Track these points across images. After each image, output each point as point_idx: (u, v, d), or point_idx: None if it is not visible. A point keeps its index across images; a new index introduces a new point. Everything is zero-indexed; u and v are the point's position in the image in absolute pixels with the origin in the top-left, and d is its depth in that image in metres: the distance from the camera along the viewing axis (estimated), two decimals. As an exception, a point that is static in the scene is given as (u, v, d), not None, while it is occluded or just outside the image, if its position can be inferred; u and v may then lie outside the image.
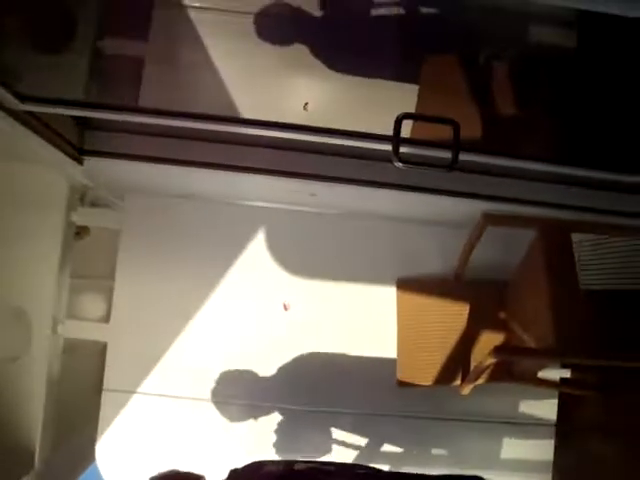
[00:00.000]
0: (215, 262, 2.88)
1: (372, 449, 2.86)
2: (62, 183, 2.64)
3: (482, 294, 2.75)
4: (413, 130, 2.23)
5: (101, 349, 2.95)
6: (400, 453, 2.85)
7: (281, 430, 2.84)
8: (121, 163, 2.36)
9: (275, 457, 2.18)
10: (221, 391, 2.86)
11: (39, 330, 2.66)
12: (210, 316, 2.87)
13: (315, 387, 2.88)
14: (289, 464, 2.02)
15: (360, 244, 2.89)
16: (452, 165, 1.98)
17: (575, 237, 2.51)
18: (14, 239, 2.62)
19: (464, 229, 2.59)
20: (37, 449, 2.64)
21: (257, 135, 2.04)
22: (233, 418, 2.87)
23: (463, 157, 1.95)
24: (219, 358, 2.88)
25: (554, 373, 2.81)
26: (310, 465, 2.03)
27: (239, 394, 2.87)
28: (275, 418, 2.86)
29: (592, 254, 2.95)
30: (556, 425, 2.99)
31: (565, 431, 2.97)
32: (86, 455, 2.92)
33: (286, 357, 2.87)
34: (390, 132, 1.87)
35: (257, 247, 2.86)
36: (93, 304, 3.02)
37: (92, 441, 2.84)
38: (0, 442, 2.57)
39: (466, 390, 2.56)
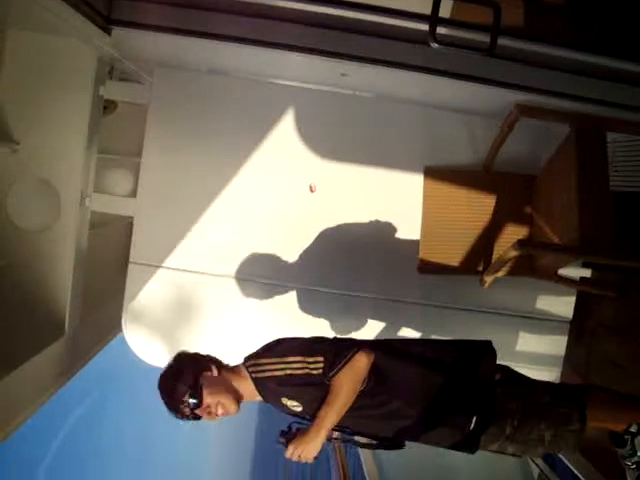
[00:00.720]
0: (243, 140, 2.84)
1: (389, 333, 2.90)
2: (90, 55, 2.60)
3: (510, 187, 2.72)
4: (452, 13, 2.15)
5: (128, 224, 2.99)
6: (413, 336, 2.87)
7: (301, 310, 2.90)
8: (149, 34, 2.31)
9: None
10: (244, 269, 2.91)
11: (67, 203, 2.70)
12: (236, 194, 2.87)
13: (337, 270, 2.91)
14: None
15: (390, 129, 2.83)
16: (490, 49, 1.92)
17: (610, 136, 2.44)
18: (42, 112, 2.62)
19: (496, 120, 2.54)
20: (67, 318, 2.75)
21: (290, 8, 1.98)
22: (255, 296, 2.92)
23: (502, 42, 1.89)
24: (244, 236, 2.91)
25: (575, 271, 2.81)
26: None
27: (262, 273, 2.91)
28: (295, 298, 2.91)
29: (625, 155, 2.88)
30: (571, 323, 3.02)
31: (580, 329, 3.01)
32: (113, 326, 3.04)
33: (310, 239, 2.89)
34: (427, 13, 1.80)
35: (286, 126, 2.81)
36: (120, 180, 3.05)
37: (118, 313, 2.94)
38: (32, 309, 2.68)
39: (486, 281, 2.58)
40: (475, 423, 1.99)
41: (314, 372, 1.94)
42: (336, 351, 1.97)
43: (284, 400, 1.99)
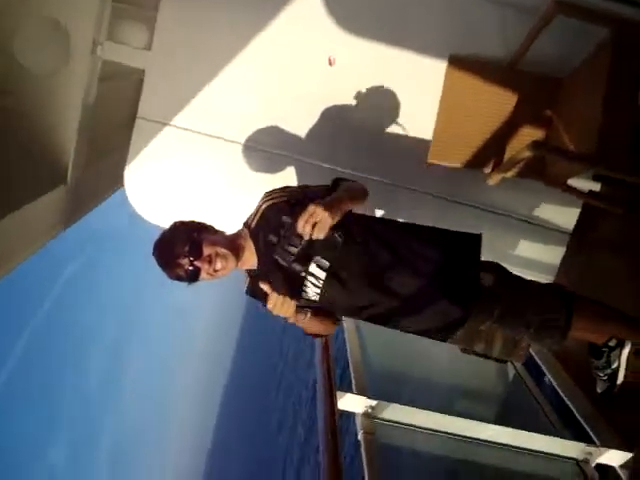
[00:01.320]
0: (266, 2, 2.71)
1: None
2: None
3: (534, 87, 2.63)
4: None
5: (139, 80, 2.91)
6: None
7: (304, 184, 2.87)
8: None
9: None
10: (253, 137, 2.86)
11: (77, 47, 2.62)
12: (253, 58, 2.77)
13: (346, 148, 2.88)
14: None
15: (419, 10, 2.70)
16: None
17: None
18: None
19: (532, 16, 2.41)
20: (70, 166, 2.73)
21: None
22: (261, 166, 2.89)
23: None
24: (256, 103, 2.84)
25: (584, 183, 2.77)
26: None
27: (270, 142, 2.87)
28: (301, 172, 2.88)
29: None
30: (572, 234, 3.02)
31: (579, 241, 3.00)
32: (115, 179, 3.03)
33: (323, 114, 2.82)
34: None
35: None
36: (135, 32, 2.91)
37: (122, 167, 2.91)
38: (36, 154, 2.67)
39: (494, 180, 2.55)
40: (464, 295, 2.04)
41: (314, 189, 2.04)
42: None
43: (277, 257, 1.97)
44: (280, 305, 1.86)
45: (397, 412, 2.36)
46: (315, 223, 1.81)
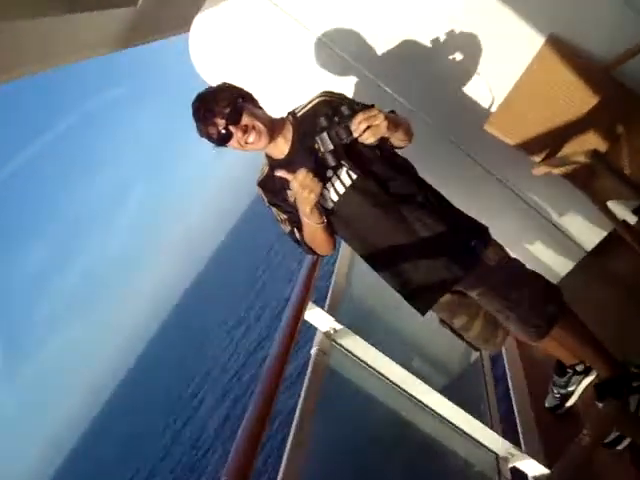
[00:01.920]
0: None
1: (424, 163, 2.77)
2: None
3: (618, 99, 2.54)
4: None
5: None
6: (442, 177, 2.51)
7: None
8: None
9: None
10: (331, 36, 2.75)
11: None
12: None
13: (413, 82, 2.80)
14: None
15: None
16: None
17: None
18: None
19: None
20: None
21: None
22: (326, 65, 2.80)
23: None
24: (347, 6, 2.71)
25: (622, 211, 2.73)
26: None
27: (345, 47, 2.76)
28: (361, 86, 2.80)
29: None
30: (588, 253, 3.01)
31: (591, 264, 2.99)
32: (183, 22, 2.95)
33: (404, 42, 2.71)
34: None
35: None
36: None
37: (193, 12, 2.83)
38: None
39: (540, 171, 2.51)
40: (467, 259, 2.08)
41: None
42: None
43: (317, 140, 1.90)
44: (310, 180, 1.83)
45: (357, 345, 2.41)
46: (370, 126, 1.79)
